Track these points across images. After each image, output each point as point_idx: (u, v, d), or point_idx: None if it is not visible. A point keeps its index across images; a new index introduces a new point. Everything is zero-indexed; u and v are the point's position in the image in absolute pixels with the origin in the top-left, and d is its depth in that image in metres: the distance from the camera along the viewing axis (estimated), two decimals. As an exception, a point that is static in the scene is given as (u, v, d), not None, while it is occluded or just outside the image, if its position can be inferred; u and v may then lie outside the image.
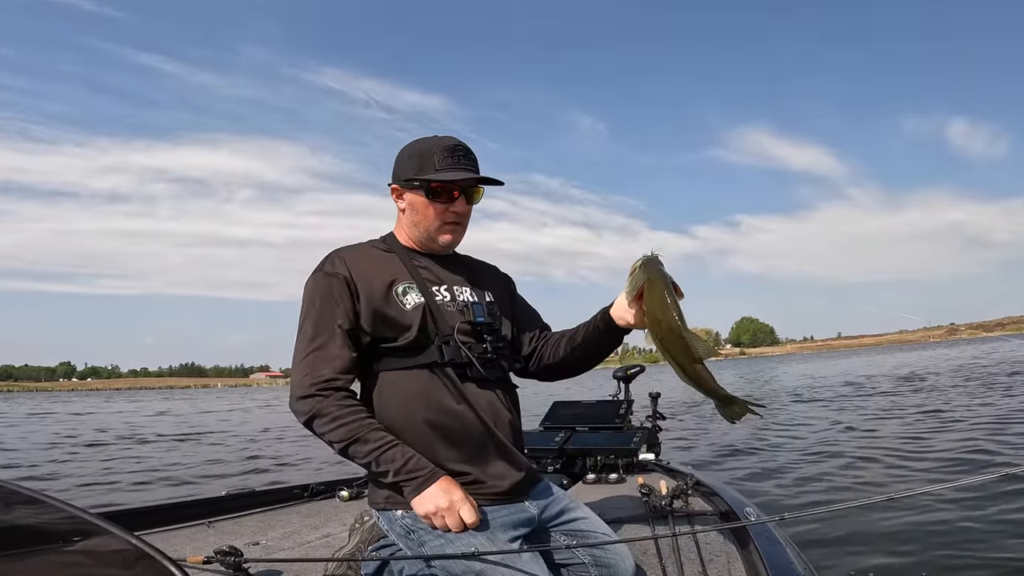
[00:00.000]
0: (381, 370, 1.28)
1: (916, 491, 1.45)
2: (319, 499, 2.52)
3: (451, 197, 1.32)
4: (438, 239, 1.35)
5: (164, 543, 1.85)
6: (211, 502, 2.25)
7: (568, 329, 1.47)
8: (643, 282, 1.21)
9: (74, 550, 0.86)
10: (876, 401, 11.79)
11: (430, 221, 1.33)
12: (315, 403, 1.20)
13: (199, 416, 19.89)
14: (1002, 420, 7.67)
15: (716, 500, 2.10)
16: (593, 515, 1.39)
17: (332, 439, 1.20)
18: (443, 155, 1.30)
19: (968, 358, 25.93)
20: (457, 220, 1.35)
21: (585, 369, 1.46)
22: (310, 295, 1.28)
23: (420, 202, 1.33)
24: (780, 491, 4.95)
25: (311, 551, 1.85)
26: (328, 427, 1.19)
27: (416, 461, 1.19)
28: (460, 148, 1.32)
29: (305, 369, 1.22)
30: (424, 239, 1.36)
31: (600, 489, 2.52)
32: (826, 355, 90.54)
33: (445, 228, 1.34)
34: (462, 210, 1.34)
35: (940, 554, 3.04)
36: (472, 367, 1.28)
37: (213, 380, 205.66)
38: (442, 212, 1.32)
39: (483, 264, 1.54)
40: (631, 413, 3.19)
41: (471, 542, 1.17)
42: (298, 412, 1.22)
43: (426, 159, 1.31)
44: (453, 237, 1.36)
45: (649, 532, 1.82)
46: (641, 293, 1.23)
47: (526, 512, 1.29)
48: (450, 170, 1.30)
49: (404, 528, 1.24)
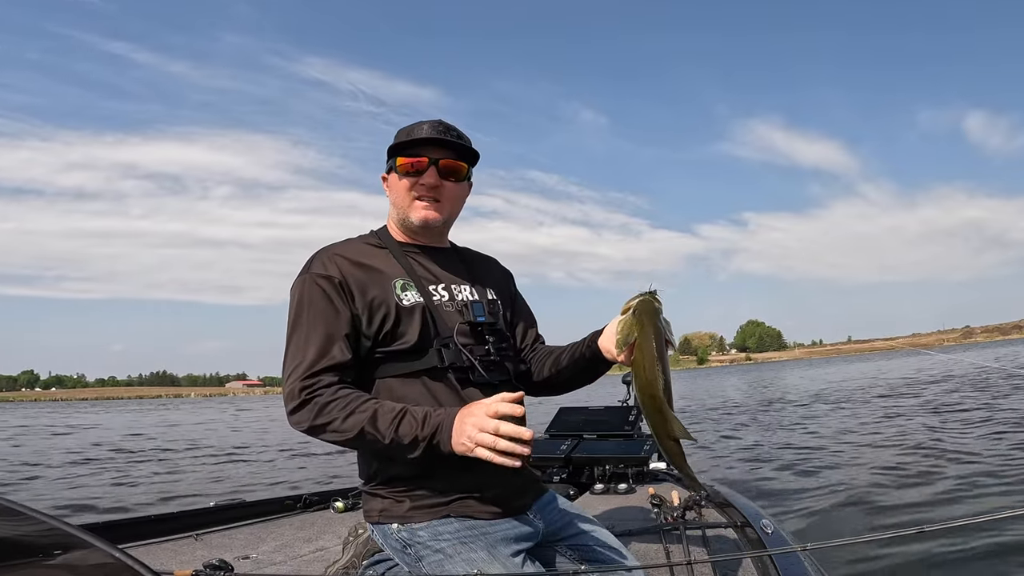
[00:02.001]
0: (378, 377, 1.20)
1: (951, 523, 1.33)
2: (313, 510, 2.48)
3: (420, 169, 1.24)
4: (411, 217, 1.27)
5: (149, 557, 1.80)
6: (199, 514, 2.19)
7: (557, 347, 1.40)
8: (635, 336, 1.12)
9: (55, 564, 0.80)
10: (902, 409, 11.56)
11: (402, 197, 1.27)
12: (313, 405, 1.10)
13: (182, 428, 19.40)
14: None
15: (731, 512, 2.04)
16: (601, 529, 1.33)
17: (344, 430, 1.09)
18: (418, 131, 1.25)
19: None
20: (427, 194, 1.26)
21: (568, 391, 1.42)
22: (298, 299, 1.20)
23: (394, 180, 1.28)
24: (798, 501, 4.83)
25: (304, 565, 1.80)
26: (335, 421, 1.09)
27: (434, 416, 1.08)
28: (440, 124, 1.26)
29: (298, 378, 1.13)
30: (403, 220, 1.29)
31: (609, 500, 2.49)
32: (837, 360, 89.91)
33: (417, 204, 1.26)
34: (432, 182, 1.25)
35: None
36: (475, 371, 1.21)
37: (186, 389, 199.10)
38: (412, 185, 1.25)
39: (483, 257, 1.47)
40: (641, 420, 3.10)
41: (471, 557, 1.11)
42: (298, 423, 1.12)
43: (400, 137, 1.27)
44: (427, 214, 1.26)
45: (660, 546, 1.78)
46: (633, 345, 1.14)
47: (530, 526, 1.23)
48: (420, 143, 1.24)
49: (400, 542, 1.17)
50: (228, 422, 22.05)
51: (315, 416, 1.10)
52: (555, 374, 1.36)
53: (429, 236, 1.32)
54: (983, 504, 4.34)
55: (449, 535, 1.14)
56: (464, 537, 1.14)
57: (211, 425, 20.09)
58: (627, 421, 3.07)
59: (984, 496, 4.51)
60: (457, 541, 1.13)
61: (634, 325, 1.11)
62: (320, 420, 1.10)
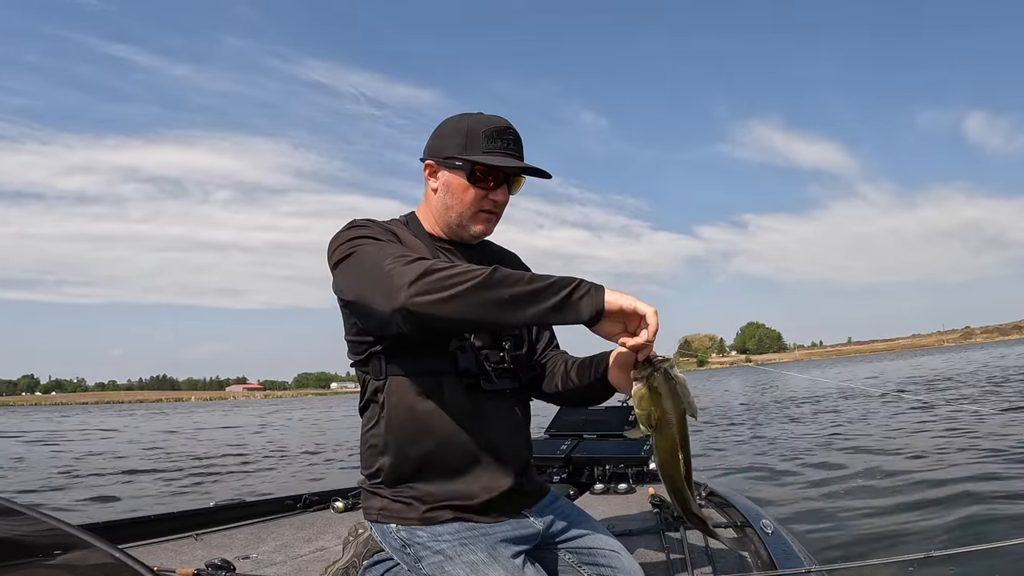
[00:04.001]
0: (391, 374, 1.17)
1: (962, 549, 1.34)
2: (313, 510, 2.46)
3: (494, 184, 1.19)
4: (470, 228, 1.23)
5: (149, 557, 1.79)
6: (199, 514, 2.18)
7: (568, 357, 1.37)
8: (656, 417, 1.07)
9: (55, 564, 0.82)
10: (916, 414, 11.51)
11: (465, 206, 1.20)
12: (424, 278, 0.94)
13: (191, 431, 19.44)
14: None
15: (731, 511, 2.04)
16: (602, 530, 1.31)
17: (467, 292, 0.94)
18: (492, 136, 1.17)
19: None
20: (494, 210, 1.23)
21: (577, 407, 1.38)
22: (354, 234, 1.11)
23: (458, 184, 1.19)
24: (796, 500, 4.82)
25: (304, 565, 1.79)
26: (454, 285, 0.94)
27: (563, 277, 0.99)
28: (511, 132, 1.20)
29: (392, 268, 0.98)
30: (454, 225, 1.23)
31: (609, 500, 2.48)
32: (839, 361, 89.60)
33: (480, 217, 1.22)
34: (502, 199, 1.22)
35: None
36: (487, 378, 1.19)
37: (186, 393, 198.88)
38: (480, 199, 1.20)
39: (506, 253, 1.42)
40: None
41: (471, 559, 1.10)
42: (411, 303, 0.94)
43: (473, 138, 1.18)
44: (486, 227, 1.24)
45: (660, 546, 1.77)
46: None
47: (530, 528, 1.21)
48: (498, 154, 1.17)
49: (400, 541, 1.16)
50: (268, 423, 22.02)
51: (424, 280, 0.94)
52: (564, 392, 1.35)
53: (470, 239, 1.28)
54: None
55: (449, 536, 1.13)
56: (464, 538, 1.13)
57: (247, 427, 19.88)
58: (627, 421, 3.06)
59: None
60: (457, 542, 1.12)
61: (653, 408, 1.06)
62: (432, 281, 0.94)
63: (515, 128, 1.22)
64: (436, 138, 1.23)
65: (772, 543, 1.64)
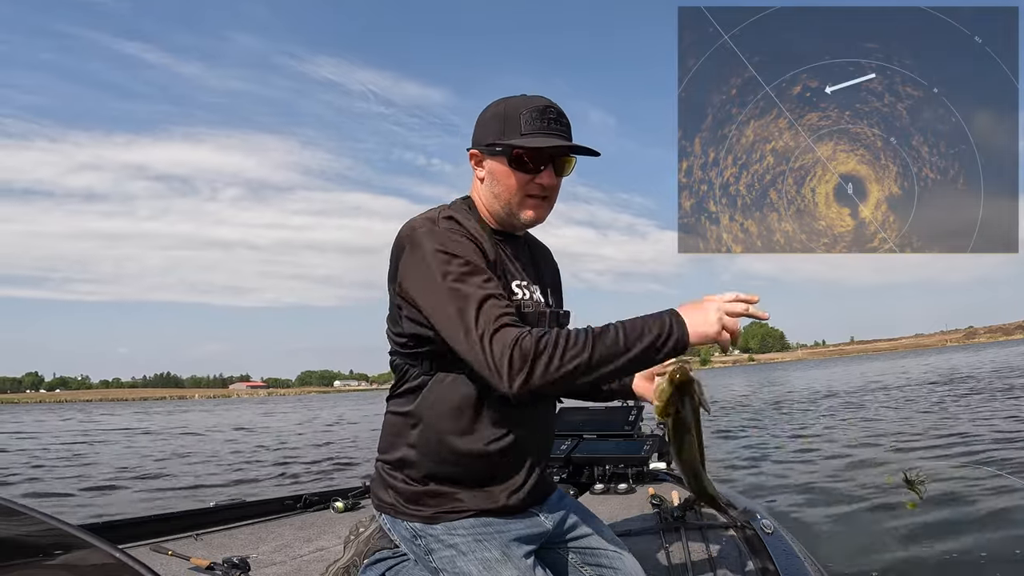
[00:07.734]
0: (440, 369, 1.13)
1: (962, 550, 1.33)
2: (313, 511, 2.46)
3: (538, 166, 1.14)
4: (520, 215, 1.17)
5: (149, 557, 1.78)
6: (199, 514, 2.18)
7: None
8: (673, 409, 1.19)
9: (55, 564, 0.84)
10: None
11: (511, 193, 1.15)
12: (529, 374, 0.95)
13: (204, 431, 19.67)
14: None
15: (730, 511, 2.02)
16: (605, 530, 1.32)
17: (579, 363, 0.95)
18: (531, 117, 1.12)
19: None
20: (543, 194, 1.17)
21: (596, 403, 1.46)
22: (438, 246, 1.06)
23: (501, 170, 1.15)
24: (794, 499, 4.81)
25: (304, 565, 1.79)
26: (561, 357, 0.95)
27: (650, 319, 1.00)
28: (552, 110, 1.14)
29: (488, 348, 0.97)
30: (504, 214, 1.19)
31: (609, 500, 2.47)
32: (842, 361, 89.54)
33: (528, 202, 1.16)
34: (549, 183, 1.15)
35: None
36: None
37: (190, 391, 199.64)
38: (526, 183, 1.15)
39: (543, 248, 1.38)
40: (642, 420, 3.10)
41: (485, 556, 1.09)
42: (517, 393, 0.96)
43: (511, 121, 1.13)
44: (536, 213, 1.18)
45: (661, 546, 1.76)
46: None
47: (541, 526, 1.21)
48: (538, 134, 1.12)
49: (410, 531, 1.14)
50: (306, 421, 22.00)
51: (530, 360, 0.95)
52: (587, 390, 1.39)
53: (521, 227, 1.24)
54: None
55: (464, 531, 1.11)
56: (480, 534, 1.12)
57: (247, 427, 19.89)
58: (627, 421, 3.05)
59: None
60: (472, 538, 1.11)
61: (671, 398, 1.17)
62: (540, 359, 0.95)
63: (557, 106, 1.16)
64: (478, 126, 1.19)
65: (772, 543, 1.64)
